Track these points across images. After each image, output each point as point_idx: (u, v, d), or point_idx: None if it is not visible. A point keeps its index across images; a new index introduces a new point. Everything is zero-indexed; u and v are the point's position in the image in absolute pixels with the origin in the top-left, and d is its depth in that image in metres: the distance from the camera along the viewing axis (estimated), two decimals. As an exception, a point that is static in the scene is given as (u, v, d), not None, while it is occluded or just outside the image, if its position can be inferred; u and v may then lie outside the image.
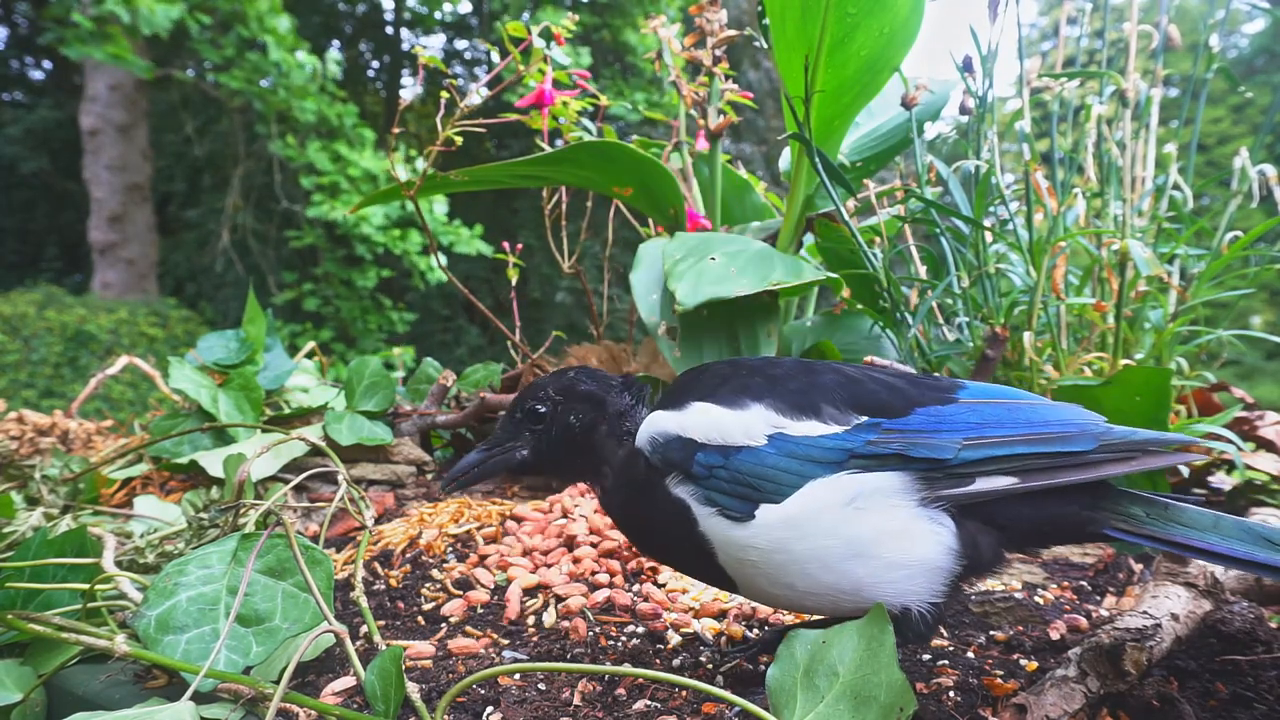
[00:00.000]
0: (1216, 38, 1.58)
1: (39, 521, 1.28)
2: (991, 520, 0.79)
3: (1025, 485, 0.76)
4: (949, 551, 0.76)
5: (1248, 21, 13.81)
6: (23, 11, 13.58)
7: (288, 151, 9.39)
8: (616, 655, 0.95)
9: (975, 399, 0.82)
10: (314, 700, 0.76)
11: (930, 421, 0.79)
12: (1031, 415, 0.80)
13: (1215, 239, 1.58)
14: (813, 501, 0.76)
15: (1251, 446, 1.52)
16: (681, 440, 0.81)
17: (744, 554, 0.79)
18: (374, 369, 1.75)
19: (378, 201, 1.99)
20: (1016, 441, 0.77)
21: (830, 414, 0.79)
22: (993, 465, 0.76)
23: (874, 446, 0.77)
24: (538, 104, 1.76)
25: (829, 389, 0.81)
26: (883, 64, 1.53)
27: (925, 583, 0.76)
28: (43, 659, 0.93)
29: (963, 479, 0.76)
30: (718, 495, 0.79)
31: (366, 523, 1.22)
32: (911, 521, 0.76)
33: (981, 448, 0.76)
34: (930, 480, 0.76)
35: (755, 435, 0.79)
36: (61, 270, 13.41)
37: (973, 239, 1.54)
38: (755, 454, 0.78)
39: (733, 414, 0.81)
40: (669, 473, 0.81)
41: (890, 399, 0.81)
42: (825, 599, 0.79)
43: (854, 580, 0.76)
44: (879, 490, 0.76)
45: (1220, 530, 0.74)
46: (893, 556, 0.75)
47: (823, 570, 0.76)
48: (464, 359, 11.96)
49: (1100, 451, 0.76)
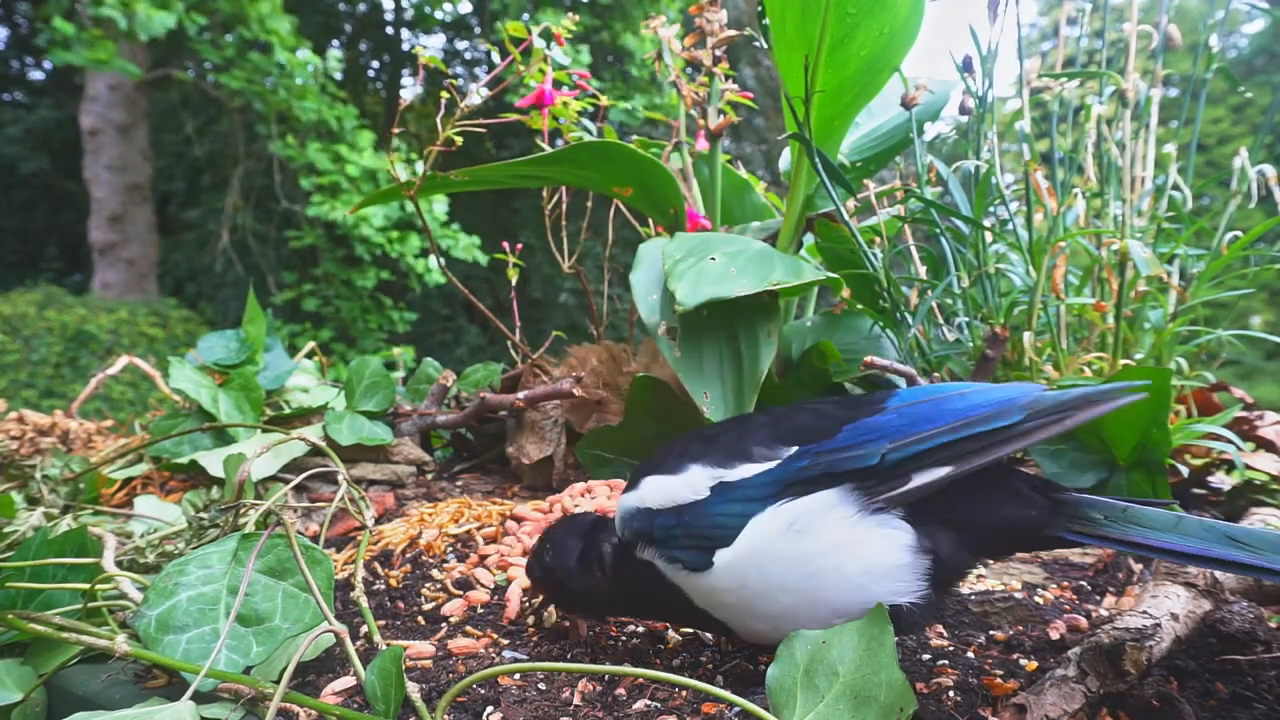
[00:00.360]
0: (1216, 38, 1.58)
1: (39, 521, 1.28)
2: (947, 520, 0.79)
3: (962, 469, 0.77)
4: (907, 549, 0.77)
5: (1247, 21, 13.82)
6: (23, 11, 13.58)
7: (288, 151, 9.39)
8: (616, 655, 0.95)
9: (903, 403, 0.84)
10: (314, 700, 0.76)
11: (856, 435, 0.81)
12: (959, 404, 0.81)
13: (1215, 239, 1.58)
14: (757, 536, 0.79)
15: (1251, 446, 1.52)
16: (641, 511, 0.87)
17: (717, 598, 0.83)
18: (374, 369, 1.75)
19: (377, 201, 1.99)
20: (941, 433, 0.78)
21: (760, 453, 0.83)
22: (925, 459, 0.77)
23: (804, 472, 0.80)
24: (538, 104, 1.76)
25: (757, 430, 0.85)
26: (883, 64, 1.53)
27: (896, 580, 0.77)
28: (43, 659, 0.93)
29: (898, 479, 0.78)
30: (678, 552, 0.83)
31: (366, 523, 1.22)
32: (859, 530, 0.77)
33: (907, 448, 0.78)
34: (865, 489, 0.78)
35: (699, 490, 0.84)
36: (61, 270, 13.41)
37: (973, 239, 1.54)
38: (701, 506, 0.83)
39: (678, 479, 0.86)
40: (637, 543, 0.87)
41: (817, 424, 0.84)
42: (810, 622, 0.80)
43: (824, 598, 0.78)
44: (813, 509, 0.78)
45: (1181, 530, 0.74)
46: (850, 567, 0.77)
47: (791, 595, 0.79)
48: (464, 359, 11.97)
49: (1029, 420, 0.76)
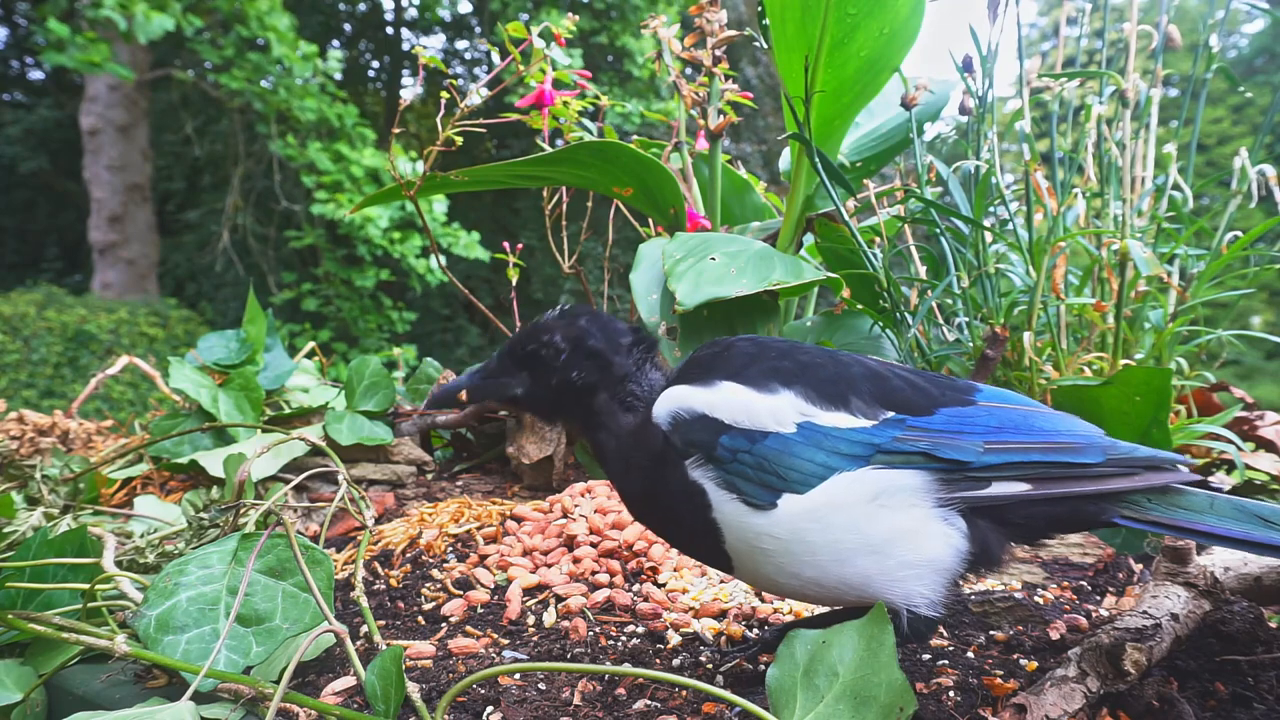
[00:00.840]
0: (1216, 38, 1.58)
1: (39, 521, 1.28)
2: (1002, 520, 0.80)
3: (1038, 493, 0.77)
4: (957, 553, 0.77)
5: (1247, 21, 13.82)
6: (22, 11, 13.58)
7: (288, 151, 9.39)
8: (616, 655, 0.95)
9: (992, 402, 0.83)
10: (314, 700, 0.76)
11: (953, 422, 0.79)
12: (1044, 424, 0.81)
13: (1215, 239, 1.58)
14: (838, 494, 0.76)
15: (1251, 446, 1.52)
16: (707, 420, 0.79)
17: (759, 541, 0.78)
18: (374, 369, 1.75)
19: (378, 202, 1.99)
20: (1033, 449, 0.78)
21: (858, 407, 0.79)
22: (1009, 471, 0.77)
23: (900, 443, 0.78)
24: (538, 104, 1.76)
25: (856, 381, 0.81)
26: (883, 64, 1.53)
27: (930, 582, 0.77)
28: (43, 659, 0.93)
29: (980, 482, 0.77)
30: (740, 481, 0.77)
31: (366, 523, 1.22)
32: (926, 521, 0.77)
33: (1000, 453, 0.78)
34: (949, 482, 0.77)
35: (785, 422, 0.78)
36: (61, 270, 13.41)
37: (973, 239, 1.54)
38: (783, 441, 0.77)
39: (762, 398, 0.79)
40: (688, 453, 0.79)
41: (915, 397, 0.81)
42: (830, 591, 0.79)
43: (864, 575, 0.77)
44: (902, 488, 0.77)
45: (1216, 511, 0.76)
46: (905, 555, 0.76)
47: (835, 563, 0.77)
48: (464, 359, 11.97)
49: (1108, 465, 0.78)
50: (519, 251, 1.98)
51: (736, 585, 1.12)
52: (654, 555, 1.18)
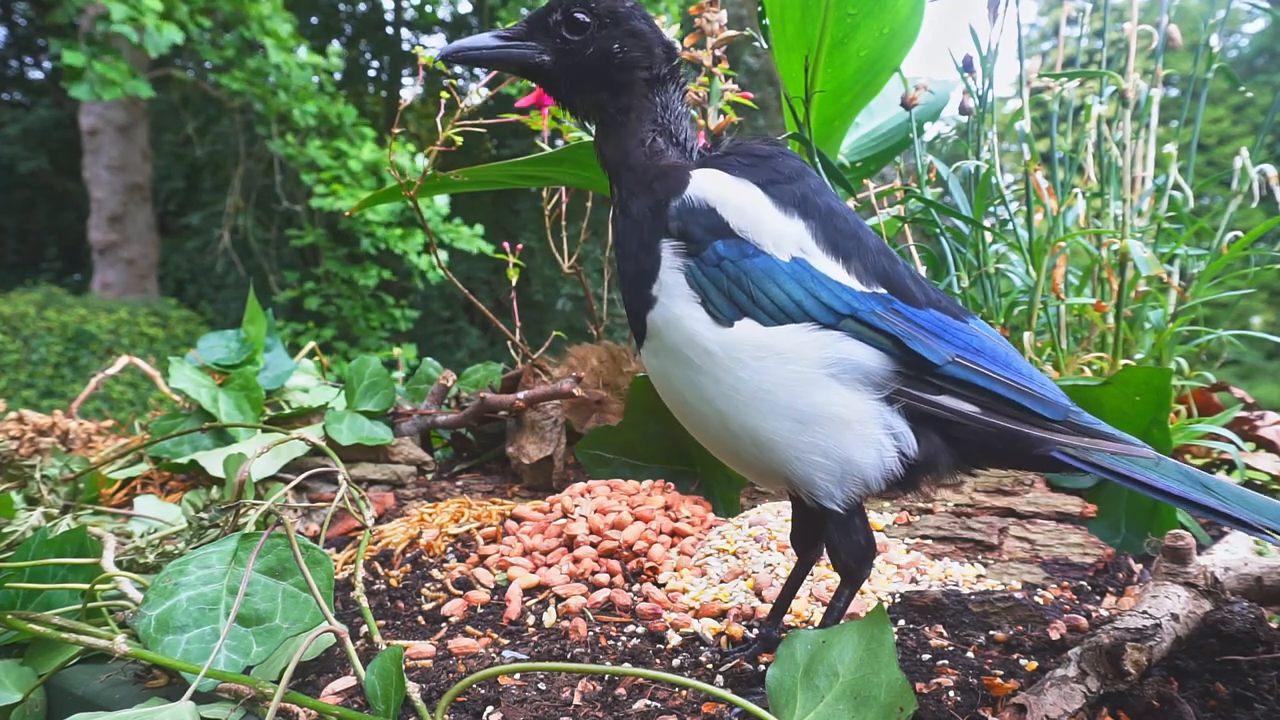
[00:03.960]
0: (1216, 37, 1.58)
1: (39, 521, 1.28)
2: (946, 434, 0.79)
3: (983, 418, 0.77)
4: (879, 466, 0.76)
5: (1248, 21, 13.82)
6: (22, 11, 13.58)
7: (288, 150, 9.39)
8: (616, 655, 0.95)
9: (982, 330, 0.83)
10: (314, 700, 0.76)
11: (937, 324, 0.78)
12: (1023, 367, 0.81)
13: (1215, 239, 1.58)
14: (795, 342, 0.74)
15: (1251, 446, 1.52)
16: (713, 216, 0.77)
17: (689, 350, 0.75)
18: (374, 369, 1.75)
19: (378, 201, 1.99)
20: (998, 380, 0.77)
21: (856, 269, 0.78)
22: (967, 389, 0.77)
23: (876, 318, 0.76)
24: (538, 104, 1.76)
25: (867, 249, 0.80)
26: (883, 64, 1.53)
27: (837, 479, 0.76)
28: (43, 659, 0.93)
29: (935, 389, 0.77)
30: (711, 287, 0.75)
31: (366, 523, 1.22)
32: (865, 420, 0.75)
33: (968, 370, 0.77)
34: (905, 377, 0.76)
35: (782, 248, 0.77)
36: (61, 270, 13.41)
37: (973, 239, 1.54)
38: (771, 264, 0.76)
39: (779, 218, 0.77)
40: (674, 236, 0.77)
41: (913, 288, 0.81)
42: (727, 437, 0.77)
43: (770, 436, 0.75)
44: (858, 367, 0.75)
45: (1160, 470, 0.76)
46: (821, 439, 0.74)
47: (749, 410, 0.74)
48: (464, 361, 11.97)
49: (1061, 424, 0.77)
50: (519, 252, 1.98)
51: (736, 585, 1.12)
52: (654, 555, 1.18)
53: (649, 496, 1.34)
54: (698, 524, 1.28)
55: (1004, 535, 1.31)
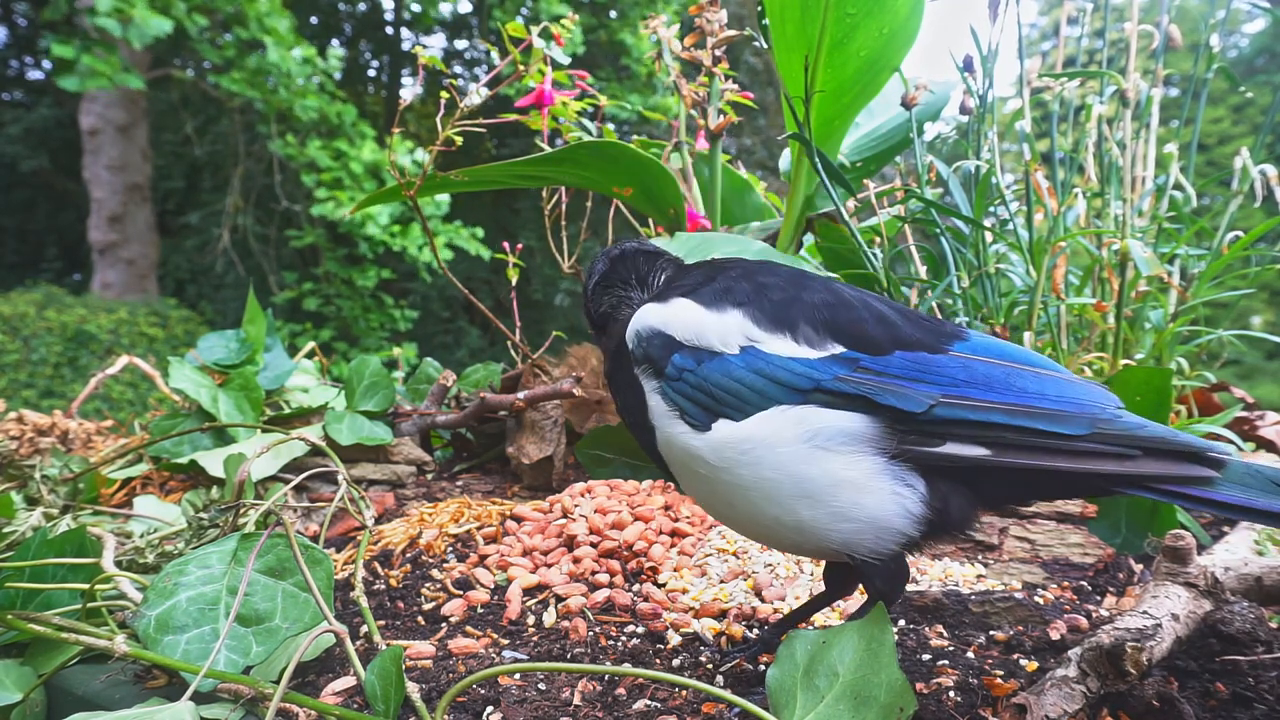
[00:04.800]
0: (1217, 37, 1.58)
1: (39, 521, 1.28)
2: (968, 481, 0.74)
3: (998, 459, 0.70)
4: (908, 516, 0.72)
5: (1248, 21, 13.82)
6: (22, 11, 13.58)
7: (288, 150, 9.39)
8: (616, 655, 0.95)
9: (972, 354, 0.76)
10: (314, 700, 0.76)
11: (911, 367, 0.73)
12: (1029, 384, 0.73)
13: (1215, 239, 1.58)
14: (771, 428, 0.73)
15: (1252, 446, 1.52)
16: (663, 336, 0.79)
17: (693, 464, 0.77)
18: (374, 369, 1.75)
19: (378, 202, 1.99)
20: (996, 409, 0.70)
21: (806, 335, 0.75)
22: (966, 429, 0.71)
23: (841, 384, 0.72)
24: (537, 104, 1.76)
25: (812, 307, 0.77)
26: (882, 64, 1.53)
27: (874, 539, 0.72)
28: (43, 659, 0.93)
29: (932, 438, 0.71)
30: (682, 400, 0.77)
31: (366, 523, 1.22)
32: (873, 476, 0.71)
33: (956, 408, 0.71)
34: (898, 432, 0.71)
35: (729, 344, 0.76)
36: (61, 270, 13.41)
37: (973, 239, 1.54)
38: (725, 363, 0.76)
39: (712, 316, 0.78)
40: (643, 364, 0.80)
41: (875, 332, 0.76)
42: (764, 530, 0.76)
43: (797, 520, 0.73)
44: (842, 433, 0.71)
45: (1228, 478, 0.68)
46: (842, 507, 0.71)
47: (766, 502, 0.73)
48: (464, 361, 11.97)
49: (1092, 439, 0.69)
50: (519, 252, 1.98)
51: (736, 585, 1.12)
52: (654, 555, 1.18)
53: (649, 496, 1.34)
54: (698, 524, 1.29)
55: (1004, 535, 1.31)
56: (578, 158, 1.63)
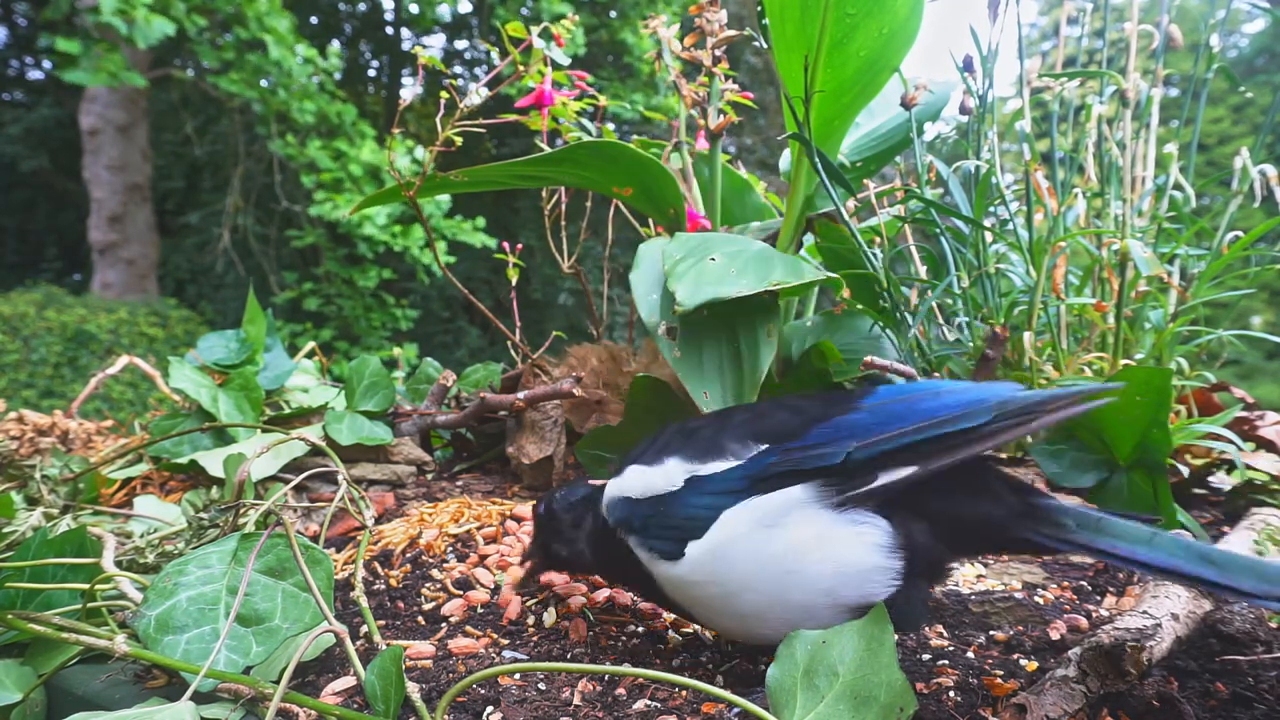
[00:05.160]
0: (1217, 37, 1.58)
1: (39, 521, 1.28)
2: (920, 513, 0.79)
3: (927, 468, 0.76)
4: (878, 548, 0.77)
5: (1248, 21, 13.83)
6: (23, 11, 13.59)
7: (288, 150, 9.38)
8: (616, 655, 0.95)
9: (878, 401, 0.83)
10: (314, 700, 0.76)
11: (826, 434, 0.81)
12: (932, 404, 0.80)
13: (1216, 239, 1.58)
14: (728, 529, 0.80)
15: (1252, 446, 1.52)
16: (623, 500, 0.90)
17: (687, 590, 0.85)
18: (374, 369, 1.75)
19: (378, 203, 1.99)
20: (907, 434, 0.77)
21: (733, 450, 0.84)
22: (891, 459, 0.77)
23: (772, 468, 0.80)
24: (537, 104, 1.76)
25: (735, 428, 0.86)
26: (882, 64, 1.53)
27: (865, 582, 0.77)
28: (43, 659, 0.93)
29: (864, 478, 0.77)
30: (654, 541, 0.86)
31: (366, 523, 1.22)
32: (828, 528, 0.77)
33: (872, 447, 0.78)
34: (832, 486, 0.78)
35: (675, 482, 0.86)
36: (61, 270, 13.41)
37: (973, 239, 1.54)
38: (675, 497, 0.85)
39: (656, 470, 0.88)
40: (620, 529, 0.90)
41: (790, 422, 0.84)
42: (774, 623, 0.80)
43: (791, 600, 0.78)
44: (782, 505, 0.78)
45: (1154, 544, 0.73)
46: (818, 567, 0.77)
47: (757, 595, 0.79)
48: (464, 360, 11.97)
49: (996, 421, 0.76)
50: (519, 252, 1.98)
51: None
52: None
53: (649, 496, 1.34)
54: (698, 524, 1.28)
55: (1004, 535, 1.30)
56: (577, 158, 1.63)
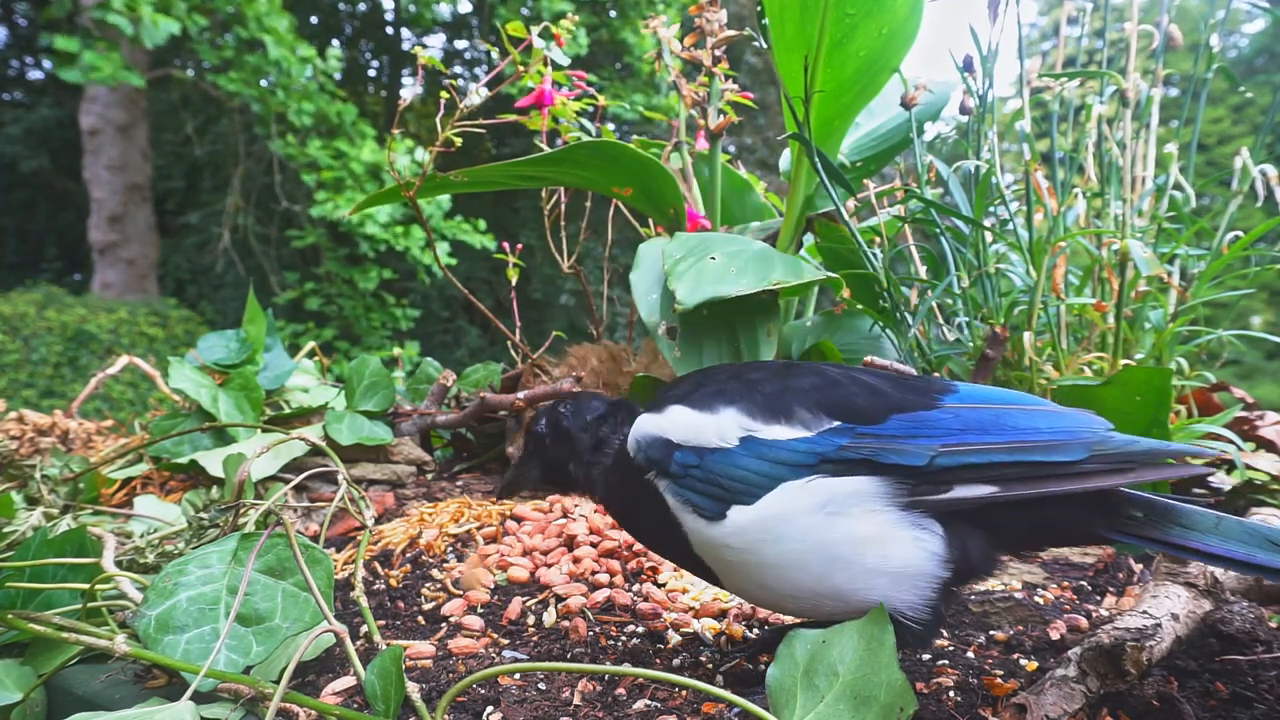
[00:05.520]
0: (1217, 37, 1.58)
1: (39, 521, 1.28)
2: (982, 524, 0.77)
3: (1007, 494, 0.74)
4: (933, 557, 0.75)
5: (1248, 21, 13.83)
6: (23, 11, 13.59)
7: (288, 150, 9.38)
8: (616, 655, 0.95)
9: (963, 403, 0.80)
10: (314, 700, 0.76)
11: (907, 427, 0.77)
12: (1021, 421, 0.77)
13: (1215, 239, 1.58)
14: (783, 504, 0.76)
15: (1251, 446, 1.52)
16: (661, 441, 0.83)
17: (719, 552, 0.80)
18: (374, 369, 1.75)
19: (378, 203, 1.99)
20: (996, 450, 0.74)
21: (802, 418, 0.79)
22: (972, 472, 0.74)
23: (845, 452, 0.76)
24: (537, 104, 1.76)
25: (804, 392, 0.81)
26: (882, 64, 1.53)
27: (910, 589, 0.75)
28: (43, 659, 0.93)
29: (940, 486, 0.75)
30: (692, 494, 0.80)
31: (366, 522, 1.22)
32: (891, 527, 0.74)
33: (957, 455, 0.74)
34: (905, 485, 0.75)
35: (728, 438, 0.80)
36: (61, 270, 13.41)
37: (973, 239, 1.54)
38: (727, 455, 0.79)
39: (705, 418, 0.82)
40: (651, 470, 0.83)
41: (868, 404, 0.80)
42: (806, 602, 0.78)
43: (833, 585, 0.76)
44: (852, 495, 0.75)
45: (1221, 532, 0.72)
46: (871, 563, 0.74)
47: (800, 574, 0.76)
48: (464, 360, 11.97)
49: (1092, 461, 0.73)
50: (519, 252, 1.98)
51: (736, 585, 1.12)
52: (654, 555, 1.18)
53: (649, 496, 1.34)
54: (698, 524, 1.28)
55: (1004, 535, 1.30)
56: (577, 158, 1.63)
